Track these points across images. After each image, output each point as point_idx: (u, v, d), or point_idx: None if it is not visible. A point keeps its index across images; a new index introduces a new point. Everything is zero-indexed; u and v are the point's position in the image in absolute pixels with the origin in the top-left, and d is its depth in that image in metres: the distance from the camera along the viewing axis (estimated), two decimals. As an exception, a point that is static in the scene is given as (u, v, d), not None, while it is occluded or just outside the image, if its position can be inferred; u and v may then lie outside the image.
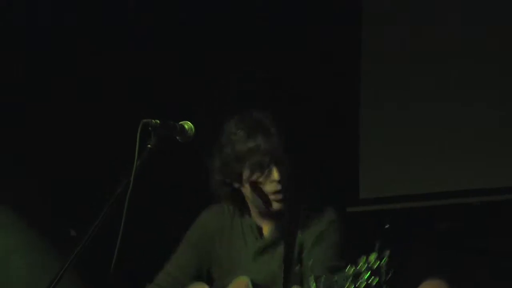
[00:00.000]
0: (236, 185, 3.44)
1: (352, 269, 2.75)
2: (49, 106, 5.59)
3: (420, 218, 5.38)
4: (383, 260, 2.73)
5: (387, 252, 2.75)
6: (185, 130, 3.27)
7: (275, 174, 3.35)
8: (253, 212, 3.47)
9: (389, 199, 5.40)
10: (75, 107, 5.62)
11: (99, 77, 5.80)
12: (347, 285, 2.73)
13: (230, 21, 5.91)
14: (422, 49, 5.40)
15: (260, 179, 3.37)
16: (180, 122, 3.28)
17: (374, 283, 2.70)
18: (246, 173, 3.39)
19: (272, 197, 3.37)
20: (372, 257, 2.74)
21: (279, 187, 3.35)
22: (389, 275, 2.72)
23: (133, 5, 5.91)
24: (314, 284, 2.89)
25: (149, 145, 3.14)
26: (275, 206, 3.38)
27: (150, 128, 3.15)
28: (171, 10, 5.95)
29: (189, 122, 3.30)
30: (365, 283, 2.70)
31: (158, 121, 3.18)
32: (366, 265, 2.73)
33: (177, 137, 3.28)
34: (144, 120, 3.15)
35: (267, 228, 3.46)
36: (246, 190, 3.42)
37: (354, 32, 5.67)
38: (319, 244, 3.32)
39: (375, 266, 2.71)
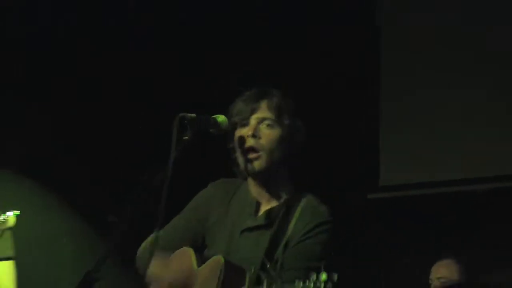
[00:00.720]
0: (231, 146, 3.39)
1: (301, 284, 2.73)
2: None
3: (437, 203, 5.46)
4: (329, 284, 2.68)
5: (336, 275, 2.69)
6: (218, 123, 3.30)
7: (249, 127, 3.30)
8: (251, 183, 3.43)
9: (408, 186, 5.49)
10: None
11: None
12: None
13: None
14: (443, 40, 5.49)
15: (242, 133, 3.32)
16: (213, 116, 3.32)
17: None
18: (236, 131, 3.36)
19: (247, 154, 3.31)
20: (323, 277, 2.69)
21: (251, 142, 3.28)
22: None
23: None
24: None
25: (185, 138, 3.18)
26: (249, 165, 3.31)
27: (185, 122, 3.18)
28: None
29: (222, 116, 3.32)
30: None
31: (193, 115, 3.21)
32: (314, 283, 2.70)
33: (211, 130, 3.31)
34: (181, 114, 3.18)
35: (264, 208, 3.39)
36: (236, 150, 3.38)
37: (372, 20, 5.73)
38: (305, 240, 3.26)
39: (321, 286, 2.68)
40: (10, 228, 4.09)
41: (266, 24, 5.91)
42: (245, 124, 3.33)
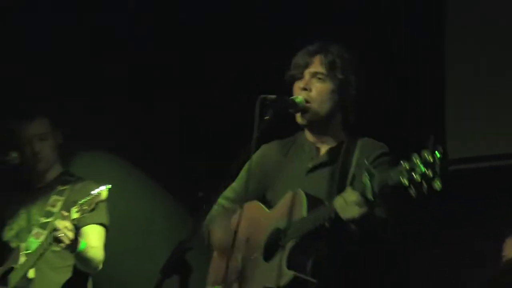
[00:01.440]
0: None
1: (407, 164, 2.88)
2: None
3: (505, 175, 5.53)
4: (437, 153, 2.82)
5: (440, 147, 2.84)
6: (296, 104, 3.47)
7: (303, 81, 3.56)
8: (307, 132, 3.64)
9: (476, 159, 5.54)
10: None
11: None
12: (401, 179, 2.87)
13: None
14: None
15: (297, 85, 3.57)
16: (292, 97, 3.47)
17: (430, 175, 2.81)
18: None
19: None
20: (425, 152, 2.84)
21: (302, 94, 3.53)
22: (444, 167, 2.81)
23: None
24: (368, 180, 3.04)
25: (266, 117, 3.32)
26: (300, 117, 3.55)
27: (267, 102, 3.32)
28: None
29: (299, 96, 3.49)
30: (419, 176, 2.82)
31: (273, 96, 3.39)
32: (420, 159, 2.84)
33: (290, 110, 3.52)
34: (262, 96, 3.36)
35: (324, 150, 3.61)
36: None
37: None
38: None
39: (430, 160, 2.82)
40: (103, 201, 4.24)
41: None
42: (300, 77, 3.58)
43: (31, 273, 4.48)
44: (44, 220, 4.69)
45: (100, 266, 4.63)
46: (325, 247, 3.24)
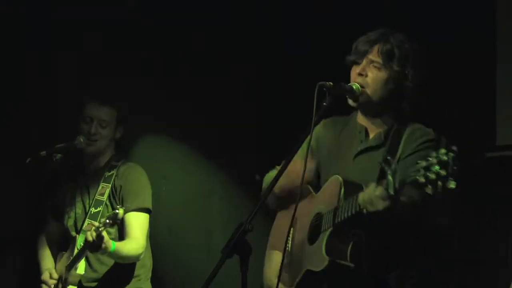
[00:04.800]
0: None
1: (424, 163, 2.98)
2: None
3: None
4: (451, 154, 2.93)
5: (455, 147, 2.95)
6: (353, 90, 3.57)
7: (360, 67, 3.67)
8: (359, 114, 3.77)
9: None
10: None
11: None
12: (418, 177, 2.97)
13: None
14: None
15: (354, 70, 3.68)
16: (349, 84, 3.58)
17: (443, 174, 2.92)
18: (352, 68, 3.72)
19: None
20: (442, 151, 2.95)
21: (358, 79, 3.64)
22: (456, 168, 2.92)
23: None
24: (391, 176, 3.13)
25: (324, 104, 3.46)
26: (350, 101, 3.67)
27: (324, 89, 3.44)
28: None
29: (356, 84, 3.60)
30: (434, 174, 2.93)
31: (331, 83, 3.49)
32: (436, 158, 2.95)
33: (347, 96, 3.64)
34: (320, 83, 3.47)
35: (373, 134, 3.72)
36: None
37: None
38: (415, 153, 3.53)
39: (444, 159, 2.93)
40: (119, 222, 4.42)
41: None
42: (358, 63, 3.69)
43: (80, 269, 4.71)
44: (94, 210, 4.86)
45: (141, 255, 4.77)
46: (361, 232, 3.38)
